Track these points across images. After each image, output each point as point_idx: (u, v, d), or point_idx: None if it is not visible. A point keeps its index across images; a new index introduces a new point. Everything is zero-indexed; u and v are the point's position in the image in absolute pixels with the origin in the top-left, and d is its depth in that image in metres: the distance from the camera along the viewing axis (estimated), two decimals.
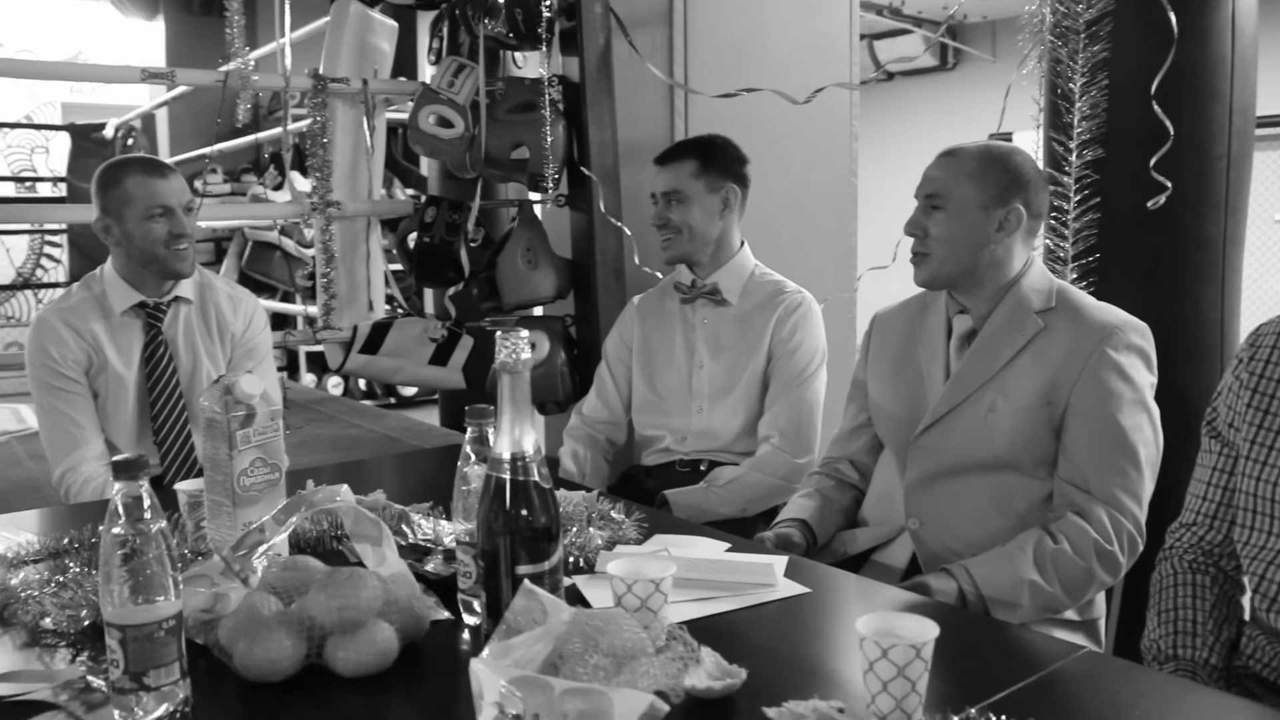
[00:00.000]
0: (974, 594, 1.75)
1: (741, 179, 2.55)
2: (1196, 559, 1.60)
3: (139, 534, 1.08)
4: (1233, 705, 1.25)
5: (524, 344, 1.18)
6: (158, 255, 2.41)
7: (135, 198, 2.37)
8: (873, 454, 2.15)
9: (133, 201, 2.37)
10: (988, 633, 1.47)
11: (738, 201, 2.55)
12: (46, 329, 2.43)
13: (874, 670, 1.07)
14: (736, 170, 2.55)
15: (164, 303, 2.50)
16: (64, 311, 2.45)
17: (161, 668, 1.09)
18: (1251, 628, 1.49)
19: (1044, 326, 1.87)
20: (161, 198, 2.39)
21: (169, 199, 2.40)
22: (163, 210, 2.39)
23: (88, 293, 2.50)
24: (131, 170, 2.40)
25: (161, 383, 2.47)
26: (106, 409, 2.47)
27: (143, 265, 2.44)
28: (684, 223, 2.50)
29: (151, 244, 2.39)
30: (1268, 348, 1.52)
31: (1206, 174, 2.44)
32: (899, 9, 8.55)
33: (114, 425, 2.48)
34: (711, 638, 1.24)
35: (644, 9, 3.35)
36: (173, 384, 2.48)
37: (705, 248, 2.53)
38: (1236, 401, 1.54)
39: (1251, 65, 2.49)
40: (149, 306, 2.48)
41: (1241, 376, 1.54)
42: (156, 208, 2.38)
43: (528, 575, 1.19)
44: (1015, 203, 1.88)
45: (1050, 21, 2.54)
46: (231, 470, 1.45)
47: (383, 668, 1.22)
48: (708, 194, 2.51)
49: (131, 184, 2.37)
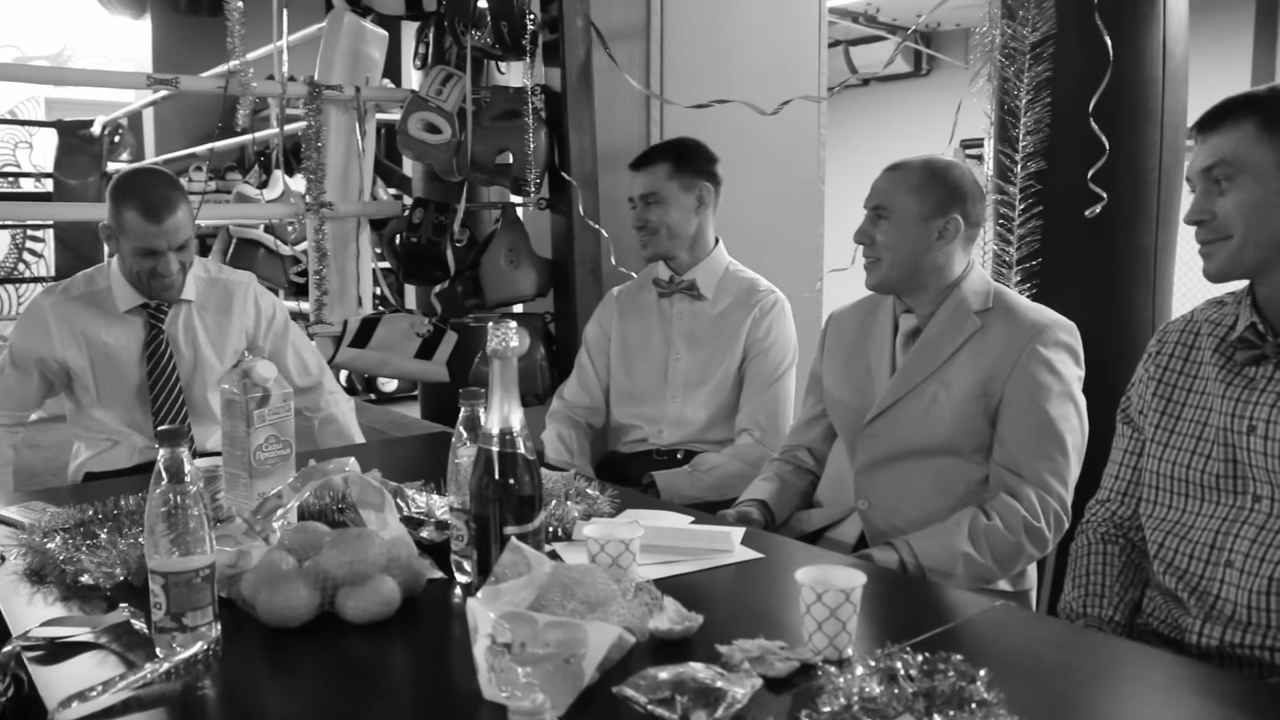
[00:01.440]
0: (914, 564, 1.94)
1: (713, 176, 2.72)
2: (1109, 531, 1.79)
3: (180, 494, 1.25)
4: (1132, 649, 1.44)
5: (513, 333, 1.37)
6: (144, 283, 2.53)
7: (130, 232, 2.45)
8: (828, 441, 2.34)
9: (127, 234, 2.46)
10: (918, 588, 1.66)
11: (711, 198, 2.72)
12: (37, 317, 2.57)
13: (810, 612, 1.26)
14: (708, 169, 2.72)
15: (166, 305, 2.62)
16: (62, 304, 2.58)
17: (198, 610, 1.27)
18: (1152, 590, 1.68)
19: (981, 326, 2.05)
20: (150, 241, 2.45)
21: (157, 243, 2.46)
22: (149, 252, 2.46)
23: (91, 288, 2.61)
24: (133, 204, 2.45)
25: (163, 379, 2.59)
26: (100, 400, 2.60)
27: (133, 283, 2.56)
28: (662, 222, 2.67)
29: (138, 273, 2.50)
30: (1171, 343, 1.71)
31: (1140, 186, 2.63)
32: (874, 16, 8.76)
33: (111, 414, 2.62)
34: (674, 592, 1.42)
35: (623, 23, 3.53)
36: (173, 379, 2.61)
37: (683, 244, 2.70)
38: (1145, 391, 1.73)
39: (1182, 85, 2.69)
40: (151, 307, 2.60)
41: (1149, 369, 1.73)
42: (144, 249, 2.46)
43: (514, 535, 1.37)
44: (954, 214, 2.06)
45: (999, 42, 2.74)
46: (249, 445, 1.63)
47: (386, 616, 1.40)
48: (683, 193, 2.68)
49: (129, 219, 2.45)
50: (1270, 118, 1.50)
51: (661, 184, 2.67)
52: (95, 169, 6.89)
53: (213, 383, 2.65)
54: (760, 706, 1.12)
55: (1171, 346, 1.72)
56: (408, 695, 1.27)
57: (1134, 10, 2.59)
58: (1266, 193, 1.49)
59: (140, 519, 1.60)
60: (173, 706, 1.19)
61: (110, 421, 2.63)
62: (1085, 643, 1.43)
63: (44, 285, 7.75)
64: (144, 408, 2.62)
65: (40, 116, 9.10)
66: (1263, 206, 1.50)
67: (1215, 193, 1.53)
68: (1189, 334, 1.69)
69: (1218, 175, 1.52)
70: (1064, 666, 1.32)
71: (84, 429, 2.68)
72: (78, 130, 7.00)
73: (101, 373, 2.59)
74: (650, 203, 2.67)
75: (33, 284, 8.59)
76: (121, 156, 7.47)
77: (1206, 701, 1.22)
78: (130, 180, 2.53)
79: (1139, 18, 2.60)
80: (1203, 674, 1.32)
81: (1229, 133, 1.52)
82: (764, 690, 1.17)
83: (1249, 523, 1.52)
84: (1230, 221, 1.52)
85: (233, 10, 3.26)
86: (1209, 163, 1.53)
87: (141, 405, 2.62)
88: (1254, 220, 1.50)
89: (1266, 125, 1.50)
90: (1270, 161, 1.49)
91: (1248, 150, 1.50)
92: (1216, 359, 1.61)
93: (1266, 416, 1.50)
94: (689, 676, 1.11)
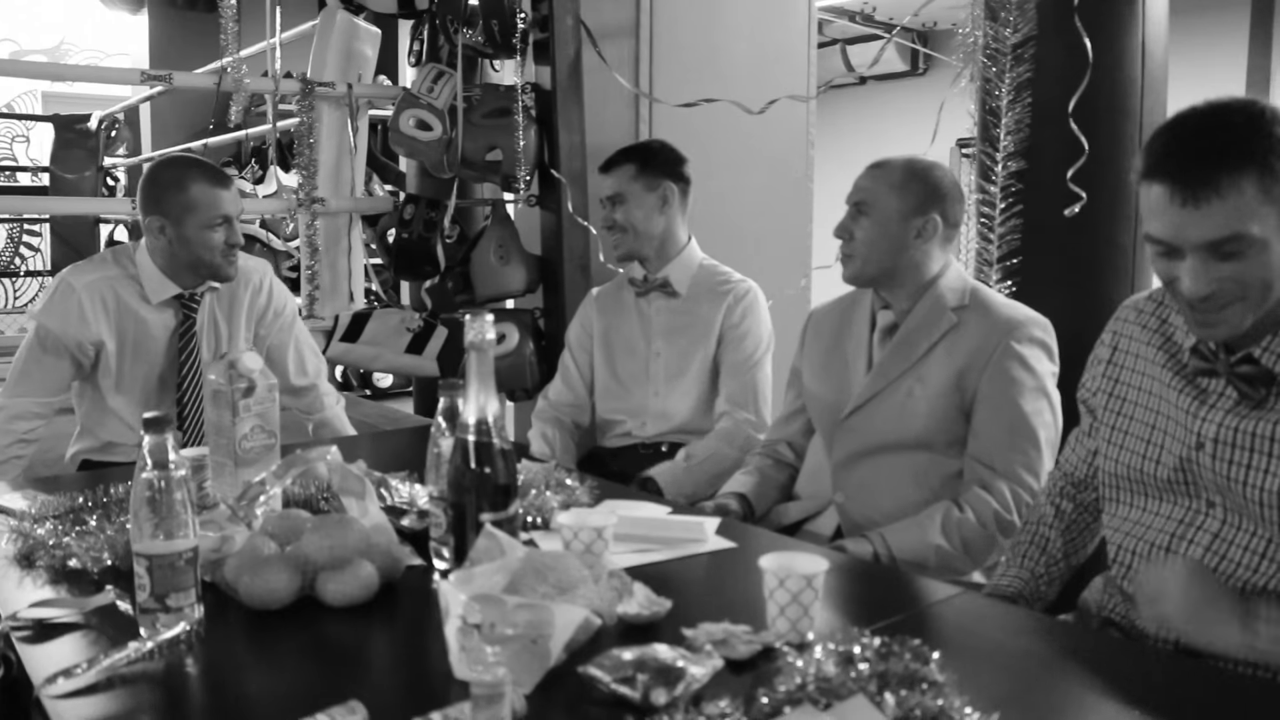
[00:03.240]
0: (887, 556, 1.98)
1: (678, 176, 2.77)
2: (1064, 488, 1.81)
3: (165, 479, 1.29)
4: (1090, 636, 1.48)
5: (489, 326, 1.41)
6: (212, 262, 2.52)
7: (200, 205, 2.46)
8: (807, 436, 2.38)
9: (197, 209, 2.46)
10: (887, 576, 1.70)
11: (676, 198, 2.75)
12: (70, 297, 2.51)
13: (773, 597, 1.30)
14: (673, 169, 2.76)
15: (199, 293, 2.63)
16: (98, 284, 2.53)
17: (181, 592, 1.31)
18: (1111, 585, 1.70)
19: (957, 322, 2.09)
20: (224, 207, 2.48)
21: (230, 208, 2.50)
22: (224, 220, 2.49)
23: (122, 270, 2.58)
24: (196, 176, 2.48)
25: (190, 371, 2.61)
26: (122, 386, 2.60)
27: (189, 267, 2.54)
28: (627, 221, 2.72)
29: (209, 251, 2.50)
30: (1122, 320, 1.70)
31: (1118, 186, 2.67)
32: (871, 15, 8.80)
33: (129, 402, 2.61)
34: (646, 579, 1.46)
35: (612, 22, 3.56)
36: (197, 370, 2.62)
37: (650, 243, 2.75)
38: (1097, 368, 1.73)
39: (1161, 86, 2.73)
40: (184, 298, 2.60)
41: (1102, 350, 1.72)
42: (219, 217, 2.48)
43: (490, 522, 1.41)
44: (933, 213, 2.10)
45: (982, 43, 2.77)
46: (234, 435, 1.67)
47: (365, 599, 1.44)
48: (646, 193, 2.72)
49: (197, 191, 2.46)
50: (1265, 169, 1.32)
51: (626, 185, 2.72)
52: (91, 163, 6.92)
53: None
54: (720, 685, 1.16)
55: (1122, 324, 1.69)
56: (383, 674, 1.31)
57: (1113, 12, 2.63)
58: (1274, 255, 1.34)
59: (129, 507, 1.64)
60: (155, 684, 1.23)
61: (125, 412, 2.62)
62: (1043, 629, 1.48)
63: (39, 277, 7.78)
64: (166, 394, 2.62)
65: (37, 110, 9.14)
66: (1271, 268, 1.35)
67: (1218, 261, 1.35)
68: (1148, 316, 1.64)
69: (1229, 250, 1.34)
70: (1022, 652, 1.37)
71: (95, 421, 2.67)
72: (74, 125, 7.03)
73: (128, 356, 2.58)
74: (616, 203, 2.73)
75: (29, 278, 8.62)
76: (118, 151, 7.51)
77: (1161, 687, 1.26)
78: (175, 161, 2.58)
79: (1118, 20, 2.63)
80: (1159, 661, 1.36)
81: (1230, 199, 1.32)
82: (725, 671, 1.21)
83: (1203, 529, 1.50)
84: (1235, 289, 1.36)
85: (226, 7, 3.30)
86: (1218, 236, 1.33)
87: (163, 393, 2.62)
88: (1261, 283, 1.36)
89: (1263, 180, 1.32)
90: (1273, 217, 1.33)
91: (1256, 216, 1.32)
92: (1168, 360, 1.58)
93: (1214, 435, 1.46)
94: (651, 656, 1.15)
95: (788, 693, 1.11)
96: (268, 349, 2.79)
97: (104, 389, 2.62)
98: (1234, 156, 1.32)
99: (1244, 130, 1.33)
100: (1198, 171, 1.33)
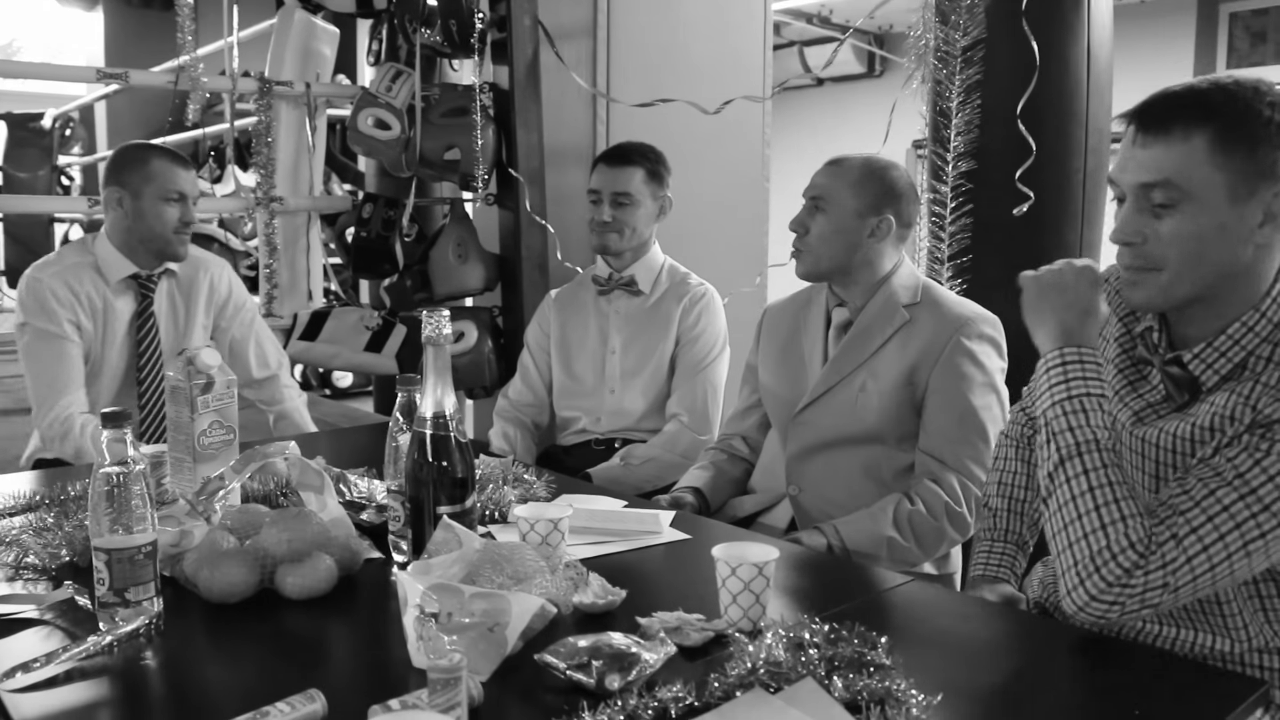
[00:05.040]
0: (840, 548, 2.02)
1: (667, 187, 2.83)
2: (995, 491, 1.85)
3: (123, 474, 1.30)
4: (1033, 621, 1.52)
5: (445, 321, 1.43)
6: (164, 235, 2.59)
7: (158, 176, 2.56)
8: (762, 431, 2.42)
9: (154, 180, 2.56)
10: (840, 566, 1.74)
11: (669, 208, 2.84)
12: (42, 286, 2.54)
13: (725, 586, 1.33)
14: (668, 180, 2.83)
15: (155, 274, 2.67)
16: (63, 272, 2.58)
17: (140, 585, 1.32)
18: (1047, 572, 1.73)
19: (909, 318, 2.13)
20: (181, 183, 2.59)
21: (186, 186, 2.59)
22: (179, 195, 2.58)
23: (81, 258, 2.63)
24: (159, 154, 2.61)
25: (148, 353, 2.64)
26: (92, 376, 2.61)
27: (143, 242, 2.60)
28: (632, 224, 2.75)
29: (163, 225, 2.58)
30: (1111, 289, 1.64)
31: (1065, 186, 2.73)
32: (827, 18, 8.89)
33: (97, 388, 2.63)
34: (601, 570, 1.49)
35: (570, 22, 3.59)
36: (157, 355, 2.66)
37: (638, 245, 2.80)
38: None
39: (1106, 90, 2.79)
40: (141, 278, 2.65)
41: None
42: (174, 192, 2.57)
43: (447, 514, 1.43)
44: (887, 213, 2.14)
45: (933, 45, 2.83)
46: (192, 431, 1.68)
47: (324, 592, 1.46)
48: (651, 200, 2.78)
49: (158, 165, 2.57)
50: (1226, 130, 1.29)
51: (638, 187, 2.76)
52: (45, 162, 6.85)
53: None
54: (673, 671, 1.19)
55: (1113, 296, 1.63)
56: (342, 664, 1.33)
57: (1060, 17, 2.69)
58: (1210, 224, 1.31)
59: (86, 504, 1.65)
60: (115, 677, 1.24)
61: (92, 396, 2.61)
62: (988, 615, 1.52)
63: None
64: (128, 380, 2.65)
65: None
66: (1205, 240, 1.32)
67: (1150, 214, 1.34)
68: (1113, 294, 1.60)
69: (1159, 198, 1.33)
70: (966, 637, 1.40)
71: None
72: (28, 123, 6.96)
73: (95, 343, 2.60)
74: (623, 203, 2.75)
75: None
76: (73, 150, 7.43)
77: (1098, 669, 1.30)
78: (141, 144, 2.67)
79: (1065, 25, 2.70)
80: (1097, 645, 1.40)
81: (1177, 145, 1.31)
82: (679, 657, 1.24)
83: None
84: (1165, 251, 1.34)
85: (183, 6, 3.28)
86: (1151, 179, 1.33)
87: (126, 379, 2.65)
88: (1192, 254, 1.33)
89: (1221, 142, 1.29)
90: (1222, 187, 1.30)
91: (1198, 172, 1.30)
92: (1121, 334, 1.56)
93: (1127, 422, 1.48)
94: (605, 643, 1.18)
95: (739, 677, 1.14)
96: (229, 342, 2.83)
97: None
98: (1195, 108, 1.31)
99: (1218, 94, 1.32)
100: (1157, 113, 1.34)
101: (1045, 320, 1.45)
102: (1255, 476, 1.26)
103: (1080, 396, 1.37)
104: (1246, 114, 1.30)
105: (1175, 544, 1.26)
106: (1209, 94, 1.32)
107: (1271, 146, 1.30)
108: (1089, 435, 1.34)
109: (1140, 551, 1.26)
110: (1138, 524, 1.28)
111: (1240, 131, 1.30)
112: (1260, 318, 1.35)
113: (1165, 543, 1.26)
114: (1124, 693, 1.22)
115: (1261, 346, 1.35)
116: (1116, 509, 1.30)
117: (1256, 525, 1.25)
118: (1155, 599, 1.27)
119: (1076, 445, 1.34)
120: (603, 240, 2.77)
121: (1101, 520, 1.30)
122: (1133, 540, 1.27)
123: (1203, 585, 1.27)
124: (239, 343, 2.85)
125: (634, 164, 2.77)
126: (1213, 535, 1.26)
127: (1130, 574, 1.26)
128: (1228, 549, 1.26)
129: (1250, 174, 1.30)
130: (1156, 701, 1.21)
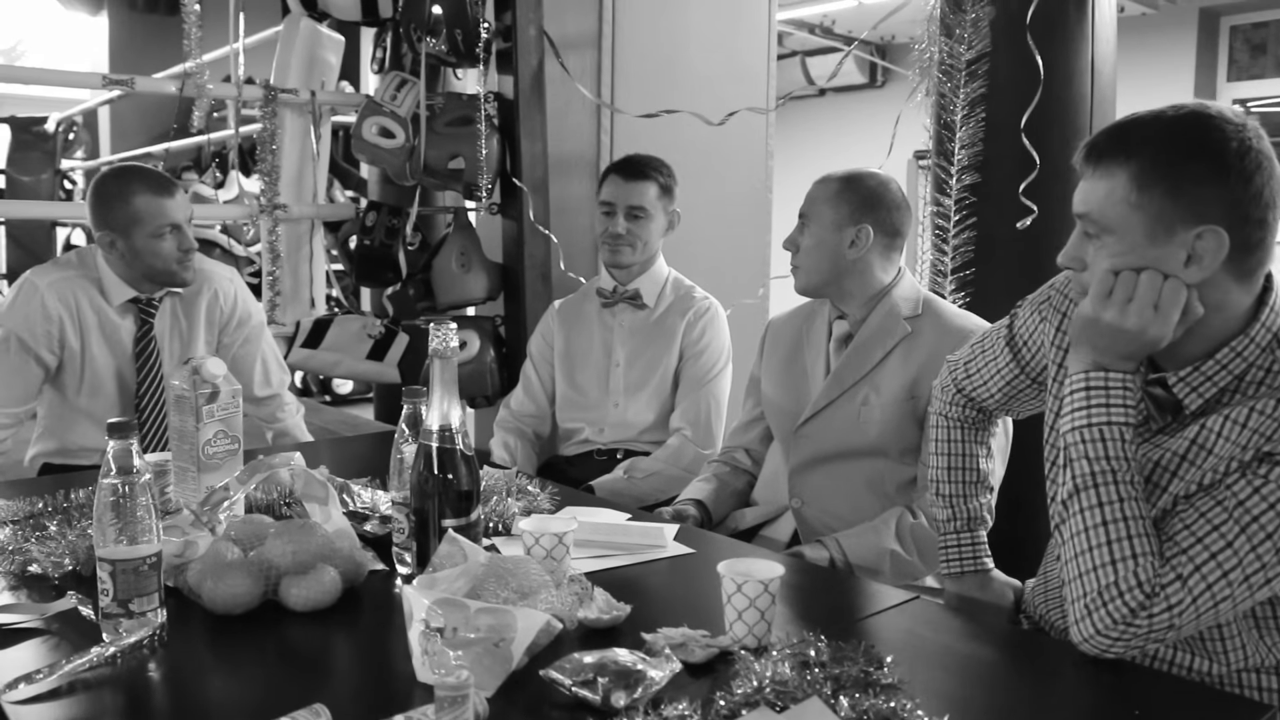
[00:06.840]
0: (843, 561, 2.02)
1: (676, 201, 2.84)
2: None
3: (128, 484, 1.30)
4: (1037, 641, 1.52)
5: (453, 334, 1.43)
6: (167, 269, 2.51)
7: (145, 216, 2.45)
8: (765, 443, 2.42)
9: (142, 221, 2.45)
10: (843, 582, 1.74)
11: (678, 222, 2.85)
12: (34, 296, 2.50)
13: (731, 602, 1.33)
14: (676, 194, 2.84)
15: (157, 298, 2.62)
16: (60, 284, 2.52)
17: (144, 596, 1.32)
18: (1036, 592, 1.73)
19: (911, 331, 2.14)
20: (170, 215, 2.47)
21: (177, 215, 2.48)
22: (172, 227, 2.47)
23: (83, 271, 2.56)
24: (139, 188, 2.47)
25: (149, 375, 2.60)
26: (84, 389, 2.58)
27: (146, 276, 2.54)
28: (645, 237, 2.76)
29: (162, 260, 2.49)
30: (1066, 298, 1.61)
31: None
32: (830, 28, 8.90)
33: (93, 405, 2.60)
34: (606, 584, 1.49)
35: (575, 32, 3.59)
36: (158, 376, 2.62)
37: (646, 259, 2.81)
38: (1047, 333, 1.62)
39: (1110, 103, 2.80)
40: (142, 302, 2.60)
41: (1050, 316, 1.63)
42: (165, 226, 2.46)
43: (452, 528, 1.43)
44: (865, 223, 2.15)
45: (937, 58, 2.83)
46: (197, 440, 1.68)
47: (328, 604, 1.45)
48: (663, 214, 2.80)
49: (140, 203, 2.45)
50: (1145, 172, 1.29)
51: (652, 202, 2.77)
52: (48, 166, 6.85)
53: None
54: (679, 688, 1.19)
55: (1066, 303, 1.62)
56: (346, 678, 1.33)
57: (1064, 31, 2.69)
58: (1136, 261, 1.31)
59: (90, 512, 1.64)
60: (118, 689, 1.23)
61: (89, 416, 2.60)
62: (992, 634, 1.52)
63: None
64: (128, 400, 2.61)
65: None
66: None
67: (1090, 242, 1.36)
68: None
69: (1090, 230, 1.35)
70: (972, 656, 1.40)
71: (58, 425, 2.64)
72: (31, 127, 6.96)
73: (91, 357, 2.56)
74: (638, 216, 2.75)
75: None
76: (76, 154, 7.44)
77: (1106, 689, 1.30)
78: (119, 173, 2.54)
79: (1068, 38, 2.70)
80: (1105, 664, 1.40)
81: (1101, 181, 1.32)
82: (684, 674, 1.23)
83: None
84: (1089, 276, 1.36)
85: (189, 12, 3.29)
86: (1080, 210, 1.36)
87: (124, 398, 2.61)
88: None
89: (1139, 181, 1.29)
90: (1139, 226, 1.30)
91: (1115, 210, 1.31)
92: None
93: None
94: (611, 660, 1.18)
95: (745, 695, 1.14)
96: (233, 359, 2.76)
97: (68, 392, 2.61)
98: (1124, 144, 1.31)
99: (1158, 130, 1.31)
100: (1099, 142, 1.35)
101: (1081, 350, 1.39)
102: (1256, 505, 1.27)
103: (1100, 425, 1.35)
104: (1173, 154, 1.29)
105: (1180, 585, 1.26)
106: (1147, 128, 1.31)
107: (1195, 186, 1.28)
108: (1104, 466, 1.33)
109: (1147, 592, 1.27)
110: (1147, 563, 1.28)
111: (1159, 172, 1.28)
112: (1249, 343, 1.35)
113: (1170, 584, 1.27)
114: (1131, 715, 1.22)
115: (1251, 371, 1.35)
116: (1128, 545, 1.29)
117: (1257, 557, 1.26)
118: (1160, 637, 1.28)
119: (1091, 475, 1.34)
120: (615, 253, 2.77)
121: (1111, 556, 1.30)
122: (1140, 580, 1.27)
123: (1206, 620, 1.28)
124: (244, 359, 2.80)
125: (649, 178, 2.77)
126: (1216, 573, 1.26)
127: (1135, 614, 1.27)
128: (1230, 585, 1.26)
129: (1167, 215, 1.29)
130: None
